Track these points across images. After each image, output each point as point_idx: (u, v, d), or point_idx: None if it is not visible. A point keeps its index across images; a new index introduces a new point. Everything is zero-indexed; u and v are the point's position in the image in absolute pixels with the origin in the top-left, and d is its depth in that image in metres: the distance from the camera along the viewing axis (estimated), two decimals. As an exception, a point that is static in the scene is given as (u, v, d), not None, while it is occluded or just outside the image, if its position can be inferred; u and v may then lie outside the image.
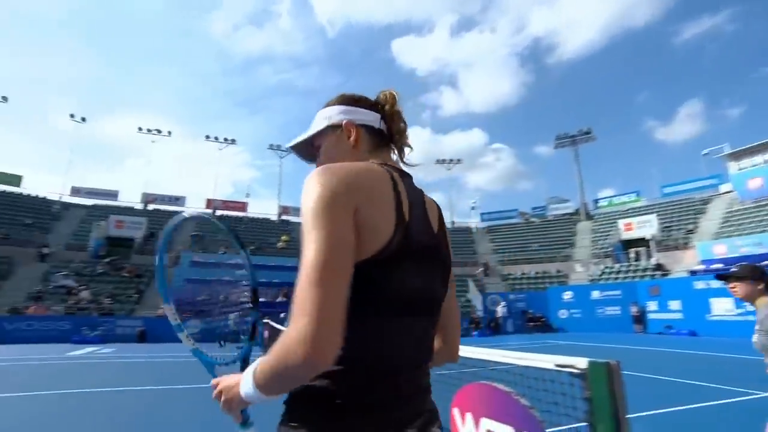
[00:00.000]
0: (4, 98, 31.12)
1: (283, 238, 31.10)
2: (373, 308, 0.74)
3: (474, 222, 40.30)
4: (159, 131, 37.39)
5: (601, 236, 30.09)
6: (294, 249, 30.34)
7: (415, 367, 0.82)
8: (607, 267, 25.60)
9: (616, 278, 23.63)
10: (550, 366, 1.58)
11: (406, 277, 0.78)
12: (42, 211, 28.03)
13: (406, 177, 0.91)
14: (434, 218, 0.91)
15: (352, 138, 0.92)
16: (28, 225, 25.28)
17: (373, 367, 0.75)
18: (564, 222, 35.48)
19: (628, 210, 32.18)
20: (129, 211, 30.84)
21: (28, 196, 29.39)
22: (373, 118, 0.96)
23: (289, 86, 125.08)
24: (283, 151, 40.25)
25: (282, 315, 17.17)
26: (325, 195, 0.72)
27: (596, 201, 36.45)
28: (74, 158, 35.69)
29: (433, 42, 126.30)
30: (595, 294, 21.46)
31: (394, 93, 0.99)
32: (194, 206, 34.63)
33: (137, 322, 17.40)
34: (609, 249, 27.44)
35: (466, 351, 2.58)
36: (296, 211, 38.01)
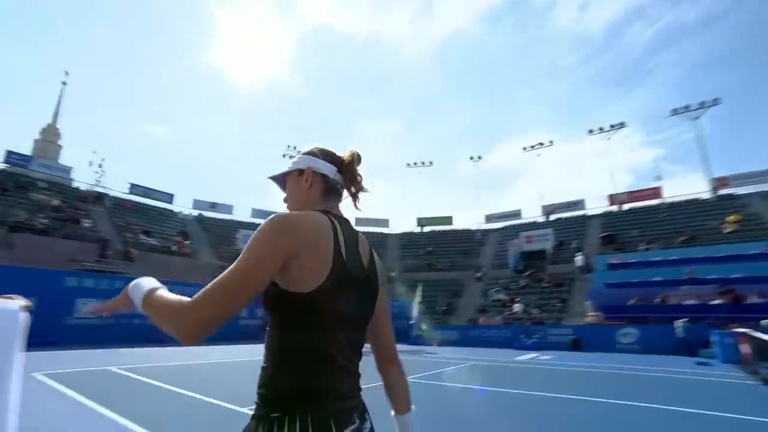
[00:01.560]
0: (431, 162, 43.20)
1: (730, 218, 23.23)
2: (316, 320, 1.01)
3: None
4: (541, 144, 39.48)
5: None
6: (749, 230, 21.97)
7: (352, 368, 1.09)
8: None
9: None
10: None
11: (343, 303, 1.04)
12: (469, 240, 35.46)
13: (345, 223, 1.16)
14: (365, 254, 1.17)
15: (308, 182, 1.21)
16: (463, 253, 32.53)
17: (320, 364, 1.02)
18: None
19: None
20: (533, 225, 33.46)
21: (459, 230, 38.23)
22: (329, 170, 1.22)
23: (672, 29, 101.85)
24: (692, 111, 31.99)
25: (763, 321, 12.11)
26: (265, 236, 0.99)
27: None
28: (480, 192, 43.70)
29: None
30: None
31: (356, 152, 1.24)
32: (595, 206, 33.05)
33: (567, 330, 17.52)
34: None
35: None
36: (739, 180, 28.07)
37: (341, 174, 1.23)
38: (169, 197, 33.51)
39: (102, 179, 29.69)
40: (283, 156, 40.10)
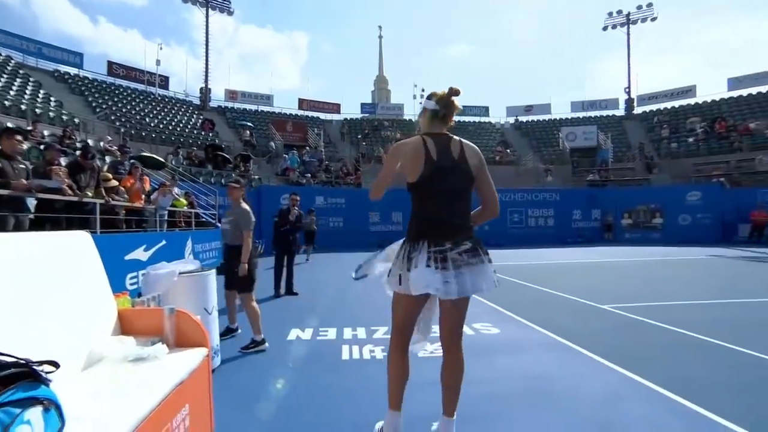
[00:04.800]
0: None
1: None
2: (423, 196, 2.06)
3: None
4: None
5: None
6: None
7: (450, 218, 2.04)
8: None
9: None
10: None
11: (436, 183, 2.02)
12: None
13: (439, 137, 2.11)
14: (456, 152, 2.08)
15: (426, 115, 2.18)
16: None
17: (427, 218, 2.06)
18: None
19: None
20: None
21: None
22: (434, 106, 2.13)
23: None
24: None
25: None
26: (388, 155, 2.14)
27: None
28: None
29: None
30: None
31: (446, 91, 2.14)
32: None
33: None
34: None
35: None
36: None
37: (440, 106, 2.14)
38: (484, 110, 35.88)
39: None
40: (604, 29, 34.47)
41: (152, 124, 22.25)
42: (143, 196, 7.69)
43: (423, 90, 35.85)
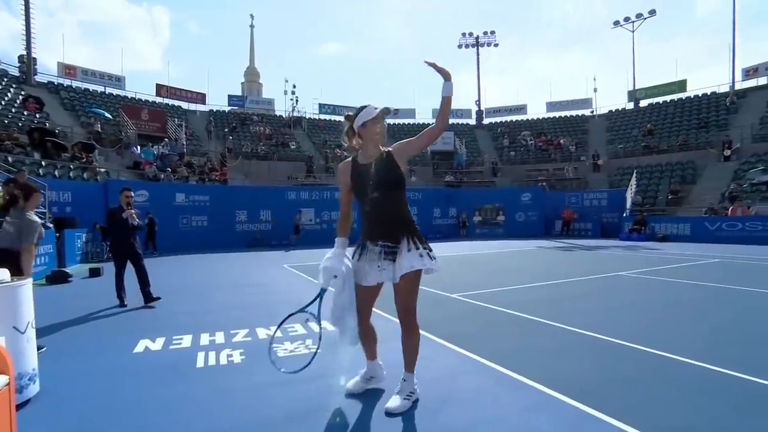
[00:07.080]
0: (652, 11, 33.65)
1: None
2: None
3: None
4: None
5: None
6: None
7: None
8: None
9: None
10: None
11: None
12: (714, 108, 27.63)
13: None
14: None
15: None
16: (701, 126, 25.76)
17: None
18: None
19: None
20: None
21: (697, 97, 29.86)
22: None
23: None
24: None
25: None
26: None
27: None
28: (738, 36, 31.67)
29: None
30: None
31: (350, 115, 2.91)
32: None
33: None
34: None
35: None
36: None
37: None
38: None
39: (297, 104, 34.24)
40: (459, 47, 38.01)
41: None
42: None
43: (294, 86, 35.20)
